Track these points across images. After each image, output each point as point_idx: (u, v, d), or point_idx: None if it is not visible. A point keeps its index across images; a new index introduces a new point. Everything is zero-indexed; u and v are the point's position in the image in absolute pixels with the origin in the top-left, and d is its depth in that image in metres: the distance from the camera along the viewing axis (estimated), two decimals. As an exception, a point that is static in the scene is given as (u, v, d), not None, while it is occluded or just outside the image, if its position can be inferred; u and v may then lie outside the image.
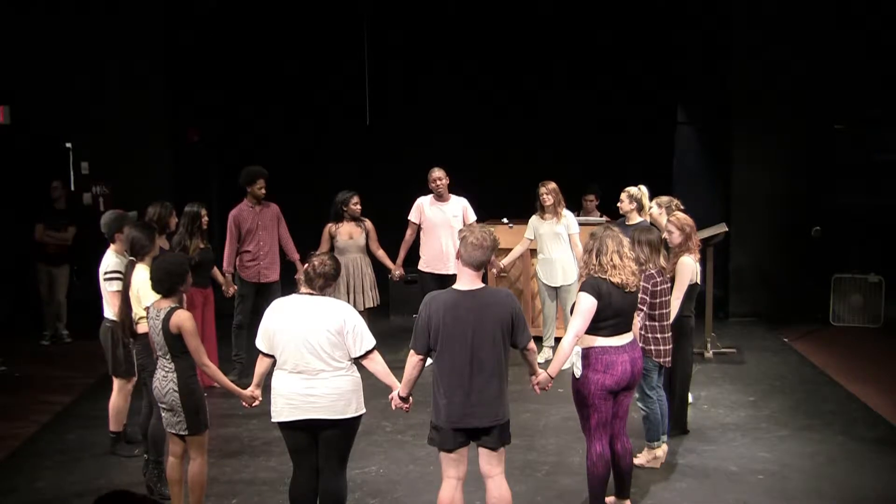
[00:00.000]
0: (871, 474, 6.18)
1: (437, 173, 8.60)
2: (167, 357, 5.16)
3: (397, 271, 8.83)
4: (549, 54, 11.72)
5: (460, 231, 4.91)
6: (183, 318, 5.09)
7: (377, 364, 4.94)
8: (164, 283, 5.19)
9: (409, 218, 8.78)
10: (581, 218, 9.26)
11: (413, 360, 4.82)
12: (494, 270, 8.93)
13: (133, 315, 5.87)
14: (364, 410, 4.97)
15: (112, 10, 10.65)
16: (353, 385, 4.89)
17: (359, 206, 8.50)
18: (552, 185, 8.61)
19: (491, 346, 4.68)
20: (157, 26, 10.82)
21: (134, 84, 10.70)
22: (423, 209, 8.70)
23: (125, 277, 5.92)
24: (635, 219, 7.93)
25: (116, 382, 6.56)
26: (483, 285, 4.80)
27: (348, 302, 8.23)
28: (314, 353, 4.80)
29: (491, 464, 4.85)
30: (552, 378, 5.10)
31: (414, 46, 11.76)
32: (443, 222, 8.59)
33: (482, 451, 4.84)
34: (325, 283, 4.96)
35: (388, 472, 6.25)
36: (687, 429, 6.89)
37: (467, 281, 4.75)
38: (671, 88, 11.99)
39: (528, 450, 6.58)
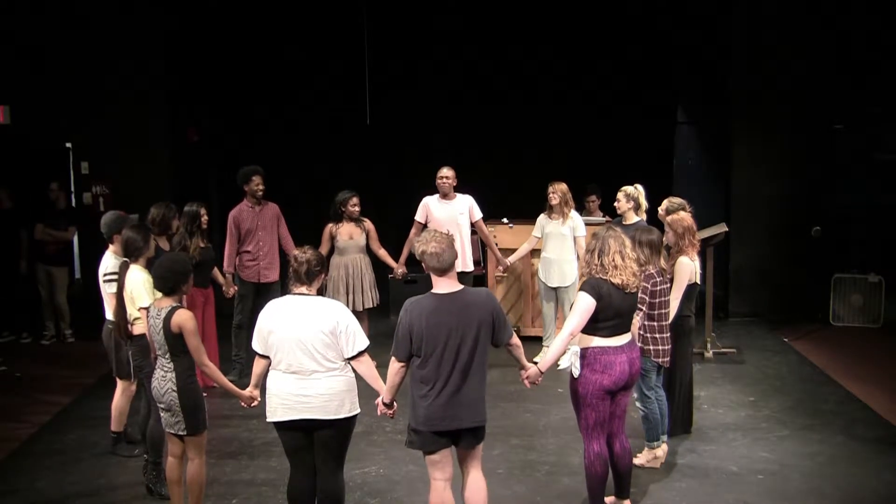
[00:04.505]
0: (871, 474, 6.18)
1: (445, 171, 8.58)
2: (167, 357, 5.16)
3: (400, 269, 8.81)
4: (549, 54, 11.73)
5: (417, 247, 4.80)
6: (184, 318, 5.09)
7: (365, 367, 4.91)
8: (167, 282, 5.19)
9: (415, 218, 8.74)
10: (585, 218, 9.27)
11: (395, 367, 4.79)
12: (500, 267, 8.94)
13: (128, 316, 5.87)
14: (358, 410, 4.97)
15: (112, 11, 10.64)
16: (346, 385, 4.88)
17: (357, 208, 8.50)
18: (560, 185, 8.59)
19: (474, 347, 4.68)
20: (157, 26, 10.81)
21: (134, 84, 10.69)
22: (430, 208, 8.67)
23: (119, 278, 5.91)
24: (632, 218, 7.94)
25: (120, 383, 6.55)
26: (462, 287, 4.78)
27: (348, 302, 8.26)
28: (307, 354, 4.80)
29: (467, 460, 4.89)
30: (542, 372, 5.11)
31: (414, 46, 11.76)
32: (449, 220, 8.54)
33: (460, 451, 4.86)
34: (310, 269, 4.89)
35: (387, 473, 6.25)
36: (690, 429, 6.90)
37: (445, 284, 4.73)
38: (671, 88, 11.98)
39: (528, 450, 6.58)
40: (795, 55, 10.56)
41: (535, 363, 5.23)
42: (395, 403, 4.96)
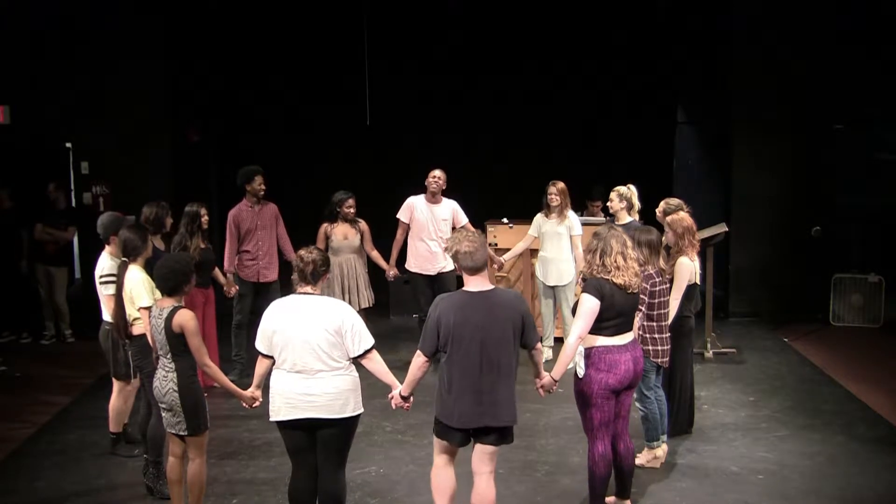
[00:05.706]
0: (871, 474, 6.19)
1: (437, 172, 8.61)
2: (168, 357, 5.16)
3: (391, 271, 8.81)
4: (549, 54, 11.73)
5: (447, 248, 4.90)
6: (185, 318, 5.09)
7: (376, 363, 4.95)
8: (168, 282, 5.19)
9: (398, 217, 8.78)
10: (584, 218, 9.28)
11: (419, 360, 4.83)
12: (495, 266, 8.95)
13: (127, 316, 5.87)
14: (362, 410, 4.98)
15: (112, 10, 10.63)
16: (351, 384, 4.89)
17: (353, 209, 8.50)
18: (561, 185, 8.59)
19: (502, 346, 4.71)
20: (157, 26, 10.80)
21: (134, 84, 10.69)
22: (413, 209, 8.69)
23: (118, 279, 5.91)
24: (625, 218, 7.96)
25: (116, 384, 6.55)
26: (493, 286, 4.83)
27: (344, 301, 8.25)
28: (313, 353, 4.80)
29: (483, 461, 4.89)
30: (556, 381, 5.13)
31: (414, 46, 11.76)
32: (431, 223, 8.58)
33: (479, 448, 4.86)
34: (315, 269, 4.91)
35: (387, 472, 6.25)
36: (690, 430, 6.90)
37: (476, 283, 4.78)
38: (671, 88, 11.99)
39: (528, 450, 6.58)
40: (795, 55, 10.55)
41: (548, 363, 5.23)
42: (411, 397, 4.98)
